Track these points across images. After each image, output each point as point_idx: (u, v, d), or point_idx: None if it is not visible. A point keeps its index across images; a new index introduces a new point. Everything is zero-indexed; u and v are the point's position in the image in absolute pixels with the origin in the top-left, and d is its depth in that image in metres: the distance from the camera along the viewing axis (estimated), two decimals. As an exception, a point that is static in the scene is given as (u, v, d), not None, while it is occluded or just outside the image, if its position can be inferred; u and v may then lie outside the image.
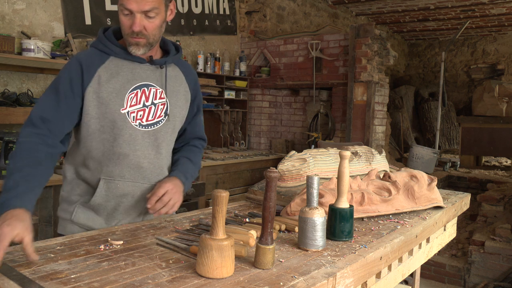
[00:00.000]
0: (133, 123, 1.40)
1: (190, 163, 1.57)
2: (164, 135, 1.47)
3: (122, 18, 1.34)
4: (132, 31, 1.33)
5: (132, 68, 1.41)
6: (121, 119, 1.38)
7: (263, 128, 5.45)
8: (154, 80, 1.44)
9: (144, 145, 1.43)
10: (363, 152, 1.91)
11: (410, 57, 9.97)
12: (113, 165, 1.41)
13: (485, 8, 6.78)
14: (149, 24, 1.34)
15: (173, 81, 1.49)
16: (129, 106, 1.38)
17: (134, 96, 1.39)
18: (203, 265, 0.96)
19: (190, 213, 1.59)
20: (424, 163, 5.27)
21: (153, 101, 1.43)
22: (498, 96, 6.83)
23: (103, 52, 1.40)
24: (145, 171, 1.45)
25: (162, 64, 1.45)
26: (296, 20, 6.10)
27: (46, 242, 1.17)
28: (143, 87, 1.41)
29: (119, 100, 1.37)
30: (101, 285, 0.90)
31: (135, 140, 1.41)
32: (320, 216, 1.16)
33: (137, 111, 1.40)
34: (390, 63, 4.67)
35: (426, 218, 1.58)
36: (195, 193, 3.39)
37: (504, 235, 3.68)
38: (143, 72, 1.42)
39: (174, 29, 4.59)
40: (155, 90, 1.43)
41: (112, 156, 1.40)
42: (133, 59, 1.41)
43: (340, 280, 1.02)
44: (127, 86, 1.39)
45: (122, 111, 1.38)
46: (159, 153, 1.47)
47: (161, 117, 1.45)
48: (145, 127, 1.42)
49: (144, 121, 1.42)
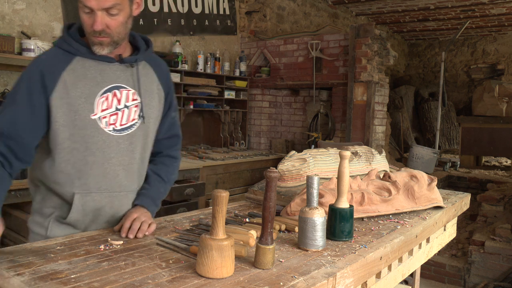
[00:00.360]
0: (106, 129, 1.30)
1: (161, 183, 1.49)
2: (139, 139, 1.38)
3: (83, 16, 1.23)
4: (94, 30, 1.22)
5: (101, 69, 1.30)
6: (92, 125, 1.28)
7: (263, 128, 5.45)
8: (125, 80, 1.34)
9: (119, 151, 1.33)
10: (363, 152, 1.91)
11: (410, 57, 9.97)
12: (87, 176, 1.30)
13: (485, 8, 6.78)
14: (112, 21, 1.23)
15: (145, 79, 1.39)
16: (100, 111, 1.28)
17: (105, 99, 1.29)
18: (203, 265, 0.96)
19: (190, 213, 1.59)
20: (424, 163, 5.27)
21: (125, 104, 1.33)
22: (498, 96, 6.83)
23: (67, 52, 1.28)
24: (122, 179, 1.36)
25: (132, 62, 1.35)
26: (296, 20, 6.10)
27: (46, 242, 1.17)
28: (114, 89, 1.31)
29: (89, 105, 1.27)
30: (101, 285, 0.90)
31: (109, 147, 1.31)
32: (320, 216, 1.16)
33: (110, 115, 1.30)
34: (390, 63, 4.67)
35: (426, 218, 1.58)
36: (195, 193, 3.39)
37: (504, 235, 3.68)
38: (112, 73, 1.32)
39: (174, 29, 4.60)
40: (127, 91, 1.34)
41: (84, 167, 1.30)
42: (101, 59, 1.30)
43: (340, 280, 1.02)
44: (96, 89, 1.28)
45: (92, 117, 1.28)
46: (134, 159, 1.38)
47: (135, 120, 1.36)
48: (119, 132, 1.33)
49: (118, 125, 1.32)
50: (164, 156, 1.55)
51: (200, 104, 4.64)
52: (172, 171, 1.55)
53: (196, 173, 3.60)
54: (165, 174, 1.51)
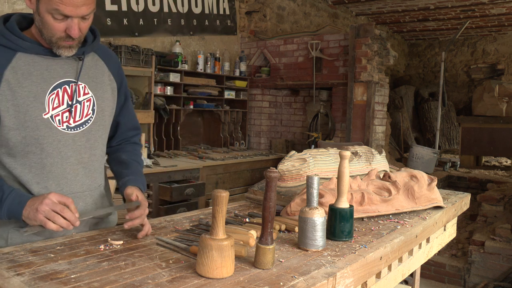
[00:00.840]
0: (60, 127, 1.23)
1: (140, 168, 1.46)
2: (96, 134, 1.32)
3: (51, 21, 1.14)
4: (67, 35, 1.16)
5: (47, 65, 1.22)
6: (45, 125, 1.20)
7: (263, 128, 5.45)
8: (74, 74, 1.26)
9: (76, 149, 1.27)
10: (363, 152, 1.91)
11: (410, 57, 9.97)
12: (46, 180, 1.23)
13: (485, 8, 6.78)
14: (84, 25, 1.19)
15: (94, 71, 1.32)
16: (51, 109, 1.21)
17: (55, 96, 1.22)
18: (203, 265, 0.96)
19: (190, 213, 1.59)
20: (424, 163, 5.27)
21: (77, 99, 1.26)
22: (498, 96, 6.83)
23: (7, 48, 1.17)
24: (83, 178, 1.30)
25: (80, 55, 1.26)
26: (296, 20, 6.10)
27: (46, 242, 1.17)
28: (64, 85, 1.24)
29: (39, 104, 1.19)
30: (101, 285, 0.90)
31: (66, 146, 1.24)
32: (320, 216, 1.16)
33: (62, 113, 1.23)
34: (390, 63, 4.67)
35: (426, 218, 1.58)
36: (195, 193, 3.39)
37: (504, 235, 3.68)
38: (60, 68, 1.24)
39: (174, 29, 4.60)
40: (77, 86, 1.26)
41: (42, 170, 1.22)
42: (46, 53, 1.21)
43: (340, 280, 1.02)
44: (45, 86, 1.20)
45: (44, 116, 1.20)
46: (93, 155, 1.32)
47: (89, 115, 1.29)
48: (74, 129, 1.26)
49: (72, 122, 1.25)
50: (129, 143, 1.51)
51: (200, 104, 4.64)
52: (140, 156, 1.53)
53: (196, 173, 3.60)
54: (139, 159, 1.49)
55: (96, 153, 1.34)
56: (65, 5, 1.11)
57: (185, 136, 4.77)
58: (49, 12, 1.13)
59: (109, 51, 1.43)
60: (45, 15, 1.14)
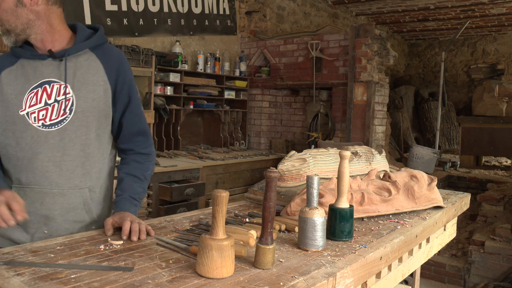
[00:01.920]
0: (35, 124, 1.30)
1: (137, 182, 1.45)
2: (72, 134, 1.33)
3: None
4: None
5: (35, 67, 1.32)
6: (21, 121, 1.30)
7: (263, 128, 5.45)
8: (58, 75, 1.32)
9: (48, 147, 1.31)
10: (363, 152, 1.91)
11: (410, 57, 9.97)
12: (19, 171, 1.32)
13: (485, 8, 6.78)
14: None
15: (85, 71, 1.34)
16: (28, 106, 1.30)
17: (34, 95, 1.31)
18: (203, 265, 0.96)
19: (190, 213, 1.59)
20: (424, 163, 5.27)
21: (56, 98, 1.31)
22: (498, 96, 6.83)
23: (13, 55, 1.35)
24: (52, 176, 1.32)
25: (61, 56, 1.32)
26: (296, 20, 6.10)
27: (46, 242, 1.17)
28: (44, 85, 1.31)
29: (18, 101, 1.30)
30: (101, 285, 0.90)
31: (37, 142, 1.30)
32: (320, 216, 1.16)
33: (38, 110, 1.30)
34: (390, 63, 4.67)
35: (426, 218, 1.58)
36: (195, 193, 3.39)
37: (504, 235, 3.68)
38: (45, 69, 1.32)
39: (174, 29, 4.60)
40: (58, 86, 1.31)
41: (17, 162, 1.32)
42: (36, 57, 1.32)
43: (340, 280, 1.02)
44: (27, 85, 1.31)
45: (21, 113, 1.30)
46: (67, 155, 1.33)
47: (65, 114, 1.32)
48: (48, 127, 1.31)
49: (48, 120, 1.31)
50: (135, 154, 1.49)
51: (200, 104, 4.64)
52: (147, 168, 1.50)
53: (196, 173, 3.60)
54: (140, 172, 1.46)
55: (71, 153, 1.33)
56: None
57: (185, 136, 4.77)
58: None
59: (112, 51, 1.42)
60: None
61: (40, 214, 1.33)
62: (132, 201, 1.40)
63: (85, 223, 1.39)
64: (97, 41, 1.39)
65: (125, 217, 1.28)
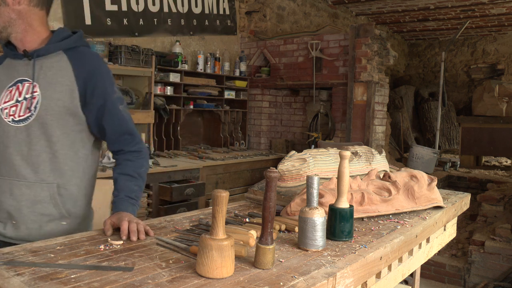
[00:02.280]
0: (6, 119, 1.40)
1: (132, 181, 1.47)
2: (38, 131, 1.40)
3: None
4: None
5: (13, 66, 1.43)
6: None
7: (263, 128, 5.45)
8: (29, 74, 1.41)
9: (17, 141, 1.40)
10: (363, 152, 1.91)
11: (410, 57, 9.97)
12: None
13: (485, 8, 6.78)
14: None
15: (54, 72, 1.40)
16: (3, 102, 1.41)
17: (8, 93, 1.41)
18: (203, 265, 0.96)
19: (190, 213, 1.59)
20: (424, 163, 5.27)
21: (25, 96, 1.40)
22: (498, 96, 6.83)
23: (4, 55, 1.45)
24: (19, 168, 1.40)
25: (31, 56, 1.40)
26: (296, 20, 6.10)
27: (46, 242, 1.17)
28: (18, 83, 1.41)
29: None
30: (101, 285, 0.90)
31: (8, 136, 1.40)
32: (320, 216, 1.16)
33: (10, 107, 1.40)
34: (390, 63, 4.67)
35: (426, 218, 1.58)
36: (195, 193, 3.39)
37: (504, 235, 3.68)
38: (21, 68, 1.42)
39: (174, 29, 4.60)
40: (28, 84, 1.40)
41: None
42: (15, 56, 1.42)
43: (340, 280, 1.02)
44: (6, 83, 1.42)
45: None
46: (34, 150, 1.40)
47: (30, 112, 1.39)
48: (17, 123, 1.40)
49: (17, 116, 1.40)
50: (126, 153, 1.52)
51: (200, 104, 4.64)
52: (140, 165, 1.51)
53: (196, 173, 3.60)
54: (132, 170, 1.48)
55: (36, 148, 1.40)
56: None
57: (185, 136, 4.77)
58: None
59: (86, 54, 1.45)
60: None
61: (9, 204, 1.41)
62: (129, 200, 1.42)
63: (53, 217, 1.42)
64: (70, 44, 1.43)
65: (123, 217, 1.30)
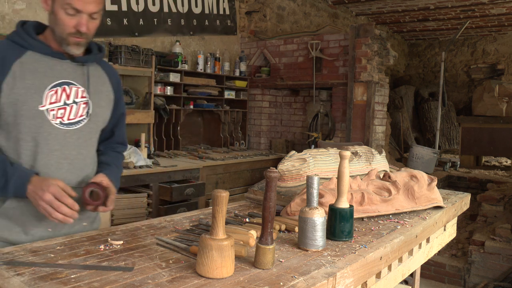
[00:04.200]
0: (53, 121, 1.33)
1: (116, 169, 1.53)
2: (86, 135, 1.41)
3: (64, 17, 1.27)
4: (77, 31, 1.29)
5: (52, 65, 1.34)
6: (40, 116, 1.30)
7: (263, 128, 5.45)
8: (76, 78, 1.38)
9: (65, 144, 1.36)
10: (363, 152, 1.91)
11: (410, 57, 9.97)
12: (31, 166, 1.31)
13: (485, 8, 6.78)
14: (92, 24, 1.32)
15: (95, 80, 1.44)
16: (48, 103, 1.31)
17: (54, 93, 1.33)
18: (203, 265, 0.96)
19: (190, 213, 1.59)
20: (424, 163, 5.27)
21: (74, 100, 1.37)
22: (498, 96, 6.83)
23: (20, 45, 1.31)
24: (65, 173, 1.36)
25: (84, 62, 1.40)
26: (296, 20, 6.10)
27: (46, 242, 1.17)
28: (64, 85, 1.35)
29: (37, 97, 1.30)
30: (101, 285, 0.90)
31: (55, 139, 1.34)
32: (320, 216, 1.16)
33: (57, 109, 1.33)
34: (390, 63, 4.67)
35: (426, 218, 1.58)
36: (195, 193, 3.39)
37: (504, 235, 3.68)
38: (63, 70, 1.36)
39: (174, 29, 4.59)
40: (76, 88, 1.37)
41: (29, 157, 1.31)
42: (53, 55, 1.34)
43: (340, 280, 1.02)
44: (46, 82, 1.32)
45: (40, 108, 1.30)
46: (80, 154, 1.40)
47: (82, 116, 1.39)
48: (66, 126, 1.35)
49: (66, 119, 1.35)
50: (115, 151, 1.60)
51: (200, 104, 4.64)
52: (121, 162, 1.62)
53: (196, 173, 3.60)
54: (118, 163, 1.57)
55: (83, 152, 1.41)
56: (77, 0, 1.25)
57: (185, 136, 4.77)
58: (62, 7, 1.27)
59: (112, 68, 1.55)
60: (58, 11, 1.27)
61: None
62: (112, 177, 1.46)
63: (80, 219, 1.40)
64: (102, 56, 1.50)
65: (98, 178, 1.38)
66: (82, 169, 1.41)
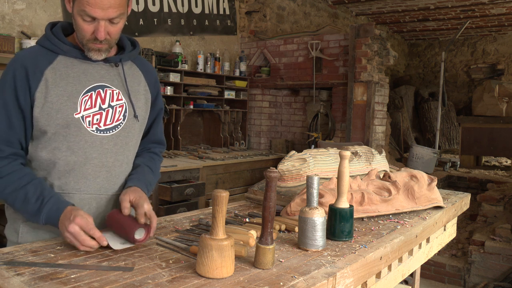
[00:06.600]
0: (89, 128, 1.26)
1: (150, 173, 1.43)
2: (124, 140, 1.34)
3: (81, 23, 1.19)
4: (95, 38, 1.21)
5: (84, 68, 1.27)
6: (75, 124, 1.24)
7: (263, 128, 5.45)
8: (110, 80, 1.31)
9: (102, 152, 1.29)
10: (363, 152, 1.91)
11: (410, 57, 9.97)
12: (67, 177, 1.26)
13: (485, 8, 6.78)
14: (113, 29, 1.22)
15: (131, 79, 1.36)
16: (83, 110, 1.25)
17: (88, 98, 1.26)
18: (203, 265, 0.96)
19: (190, 213, 1.59)
20: (424, 163, 5.27)
21: (110, 104, 1.29)
22: (498, 96, 6.83)
23: (50, 50, 1.25)
24: (103, 181, 1.31)
25: (117, 62, 1.32)
26: (296, 20, 6.10)
27: (46, 242, 1.17)
28: (98, 89, 1.28)
29: (72, 104, 1.23)
30: (101, 285, 0.90)
31: (92, 147, 1.27)
32: (320, 216, 1.16)
33: (93, 115, 1.26)
34: (390, 63, 4.67)
35: (426, 218, 1.58)
36: (195, 193, 3.39)
37: (504, 235, 3.68)
38: (96, 72, 1.29)
39: (174, 29, 4.59)
40: (111, 91, 1.30)
41: (65, 167, 1.25)
42: (85, 58, 1.27)
43: (340, 280, 1.02)
44: (79, 88, 1.25)
45: (76, 116, 1.24)
46: (118, 161, 1.33)
47: (119, 120, 1.32)
48: (103, 132, 1.28)
49: (102, 125, 1.28)
50: (150, 152, 1.52)
51: (200, 104, 4.64)
52: (158, 164, 1.53)
53: (196, 173, 3.60)
54: (153, 166, 1.48)
55: (120, 158, 1.34)
56: (92, 7, 1.15)
57: (185, 136, 4.77)
58: (79, 13, 1.18)
59: (147, 63, 1.46)
60: (76, 17, 1.20)
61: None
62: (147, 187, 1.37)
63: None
64: (136, 53, 1.42)
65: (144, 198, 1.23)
66: (119, 176, 1.35)
